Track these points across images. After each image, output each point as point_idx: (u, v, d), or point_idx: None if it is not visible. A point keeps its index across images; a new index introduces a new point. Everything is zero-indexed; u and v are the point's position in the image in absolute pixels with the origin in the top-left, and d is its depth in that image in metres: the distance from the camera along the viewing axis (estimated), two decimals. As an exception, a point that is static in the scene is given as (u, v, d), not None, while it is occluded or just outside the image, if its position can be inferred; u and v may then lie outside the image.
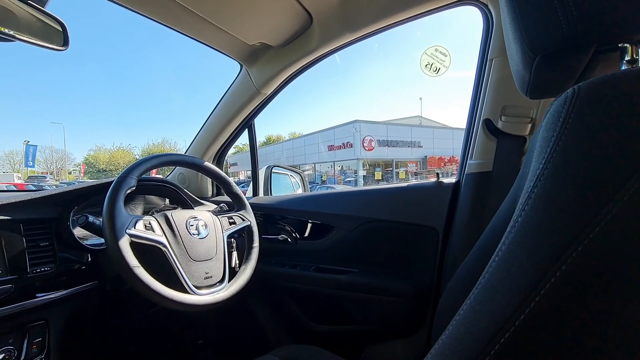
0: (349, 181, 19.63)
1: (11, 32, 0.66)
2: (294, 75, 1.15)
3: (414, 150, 20.77)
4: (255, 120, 1.33)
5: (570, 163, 0.25)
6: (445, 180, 0.96)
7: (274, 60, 1.09)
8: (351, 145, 19.05)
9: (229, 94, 1.23)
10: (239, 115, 1.25)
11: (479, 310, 0.27)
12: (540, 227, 0.25)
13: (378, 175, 19.92)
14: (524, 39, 0.32)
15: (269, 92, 1.19)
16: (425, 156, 20.90)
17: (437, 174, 0.98)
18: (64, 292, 0.80)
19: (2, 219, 0.73)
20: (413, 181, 1.14)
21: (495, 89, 0.82)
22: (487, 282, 0.28)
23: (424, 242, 0.95)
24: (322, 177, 22.40)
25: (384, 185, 1.12)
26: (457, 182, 0.92)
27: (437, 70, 1.05)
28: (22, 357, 0.73)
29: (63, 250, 0.82)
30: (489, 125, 0.84)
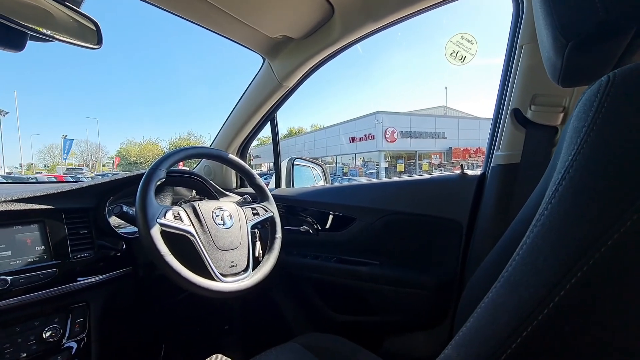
0: (371, 173, 19.44)
1: (49, 33, 0.70)
2: (316, 67, 1.15)
3: (438, 142, 20.20)
4: (277, 112, 1.35)
5: (602, 154, 0.24)
6: (470, 172, 0.93)
7: (295, 53, 1.09)
8: (373, 137, 18.80)
9: (252, 88, 1.25)
10: (261, 109, 1.26)
11: (501, 303, 0.27)
12: (568, 220, 0.25)
13: (400, 167, 19.58)
14: (555, 24, 0.31)
15: (291, 85, 1.19)
16: (450, 147, 20.27)
17: (462, 165, 0.96)
18: (102, 276, 0.85)
19: (47, 208, 0.79)
20: (437, 173, 1.12)
21: (525, 77, 0.78)
22: (510, 276, 0.28)
23: (447, 235, 0.94)
24: (343, 169, 22.32)
25: (406, 178, 1.11)
26: (483, 175, 0.89)
27: (463, 58, 1.01)
28: (66, 335, 0.79)
29: (100, 238, 0.88)
30: (517, 115, 0.80)
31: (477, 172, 0.91)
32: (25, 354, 0.72)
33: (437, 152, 20.45)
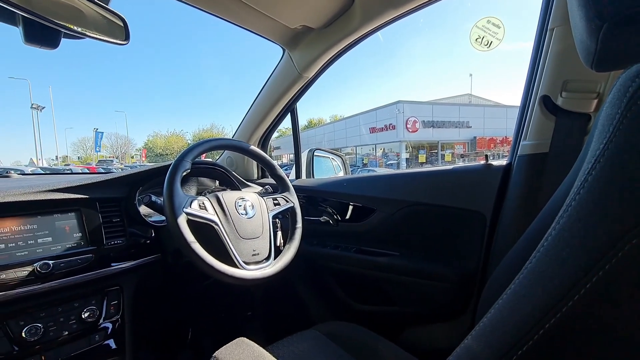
0: (391, 164, 19.16)
1: (80, 30, 0.73)
2: (336, 57, 1.14)
3: (461, 131, 19.55)
4: (297, 104, 1.35)
5: (636, 144, 0.23)
6: (496, 162, 0.90)
7: (315, 43, 1.08)
8: (394, 127, 18.45)
9: (272, 79, 1.26)
10: (281, 100, 1.27)
11: (524, 294, 0.27)
12: (597, 212, 0.24)
13: (422, 157, 19.16)
14: (589, 5, 0.29)
15: (311, 75, 1.19)
16: (474, 137, 19.58)
17: (486, 155, 0.93)
18: (133, 262, 0.90)
19: (82, 198, 0.84)
20: (460, 164, 1.09)
21: (556, 61, 0.74)
22: (534, 267, 0.27)
23: (469, 227, 0.92)
24: (363, 160, 22.12)
25: (427, 168, 1.09)
26: (509, 165, 0.86)
27: (489, 43, 0.97)
28: (103, 316, 0.85)
29: (131, 226, 0.92)
30: (547, 102, 0.76)
31: (503, 162, 0.89)
32: (67, 332, 0.78)
33: (460, 142, 19.81)
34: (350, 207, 1.20)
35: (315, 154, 1.59)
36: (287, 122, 1.43)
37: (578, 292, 0.23)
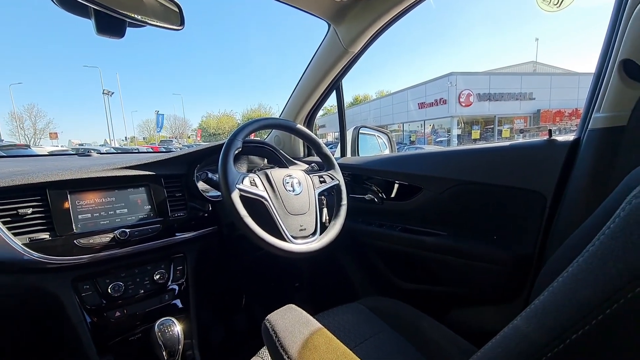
0: (441, 141, 18.14)
1: (141, 18, 0.78)
2: (383, 29, 1.09)
3: (523, 104, 17.66)
4: (342, 80, 1.33)
5: None
6: (560, 137, 0.82)
7: (362, 15, 1.04)
8: (445, 102, 17.30)
9: (317, 56, 1.25)
10: (327, 77, 1.26)
11: (583, 278, 0.26)
12: None
13: (475, 134, 17.83)
14: None
15: (357, 50, 1.16)
16: (538, 110, 17.61)
17: (550, 130, 0.84)
18: (194, 233, 0.99)
19: (150, 174, 0.93)
20: (520, 140, 1.00)
21: None
22: (597, 250, 0.25)
23: (526, 208, 0.85)
24: (410, 137, 21.26)
25: (480, 145, 1.02)
26: (577, 140, 0.77)
27: (560, 2, 0.85)
28: (170, 279, 0.96)
29: (191, 200, 1.01)
30: (629, 67, 0.66)
31: (570, 137, 0.80)
32: (142, 291, 0.90)
33: (521, 115, 17.97)
34: (396, 186, 1.19)
35: (360, 131, 1.58)
36: (332, 100, 1.42)
37: None
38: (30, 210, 0.74)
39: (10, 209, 0.73)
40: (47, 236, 0.75)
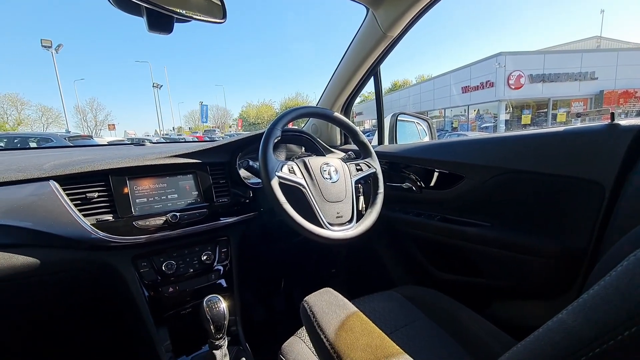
0: (486, 127, 17.01)
1: (187, 13, 0.82)
2: (424, 11, 1.04)
3: (583, 85, 15.89)
4: (381, 66, 1.30)
5: None
6: (624, 122, 0.74)
7: (402, -3, 1.00)
8: (492, 85, 16.12)
9: (355, 43, 1.23)
10: (364, 63, 1.24)
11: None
12: None
13: (526, 118, 16.46)
14: None
15: (396, 34, 1.12)
16: (601, 91, 15.75)
17: (612, 114, 0.76)
18: (236, 218, 1.05)
19: (197, 162, 1.00)
20: (578, 124, 0.91)
21: None
22: None
23: (581, 198, 0.79)
24: (452, 123, 20.20)
25: (530, 131, 0.95)
26: None
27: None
28: (216, 260, 1.03)
29: (234, 187, 1.07)
30: None
31: (636, 121, 0.72)
32: (191, 270, 0.98)
33: (580, 97, 16.21)
34: (436, 174, 1.15)
35: (398, 118, 1.54)
36: (369, 86, 1.40)
37: None
38: (96, 195, 0.83)
39: (80, 193, 0.82)
40: (111, 218, 0.84)
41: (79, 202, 0.82)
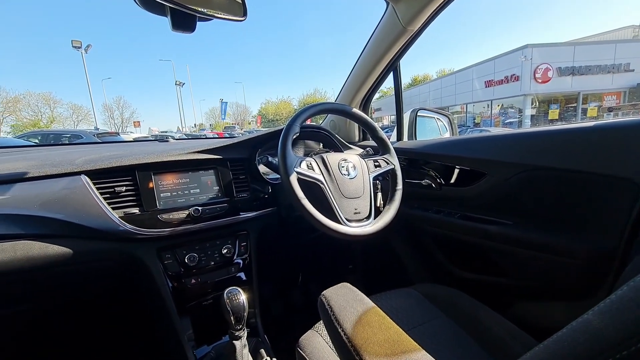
0: (510, 123, 16.39)
1: (209, 12, 0.84)
2: (446, 3, 1.01)
3: (616, 77, 14.99)
4: (400, 61, 1.28)
5: None
6: (661, 116, 0.69)
7: (423, -10, 0.98)
8: (517, 79, 15.50)
9: (374, 37, 1.21)
10: (384, 58, 1.23)
11: None
12: None
13: (553, 113, 15.73)
14: None
15: (416, 28, 1.10)
16: (637, 84, 14.84)
17: None
18: (256, 213, 1.07)
19: (218, 158, 1.02)
20: (610, 119, 0.87)
21: None
22: None
23: (611, 197, 0.75)
24: (474, 119, 19.60)
25: (556, 126, 0.91)
26: None
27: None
28: (236, 254, 1.06)
29: (253, 182, 1.09)
30: None
31: None
32: (212, 262, 1.01)
33: (612, 91, 15.31)
34: (456, 171, 1.13)
35: (418, 114, 1.51)
36: (388, 82, 1.38)
37: None
38: (124, 189, 0.87)
39: (109, 187, 0.86)
40: (137, 211, 0.87)
41: (107, 195, 0.86)
